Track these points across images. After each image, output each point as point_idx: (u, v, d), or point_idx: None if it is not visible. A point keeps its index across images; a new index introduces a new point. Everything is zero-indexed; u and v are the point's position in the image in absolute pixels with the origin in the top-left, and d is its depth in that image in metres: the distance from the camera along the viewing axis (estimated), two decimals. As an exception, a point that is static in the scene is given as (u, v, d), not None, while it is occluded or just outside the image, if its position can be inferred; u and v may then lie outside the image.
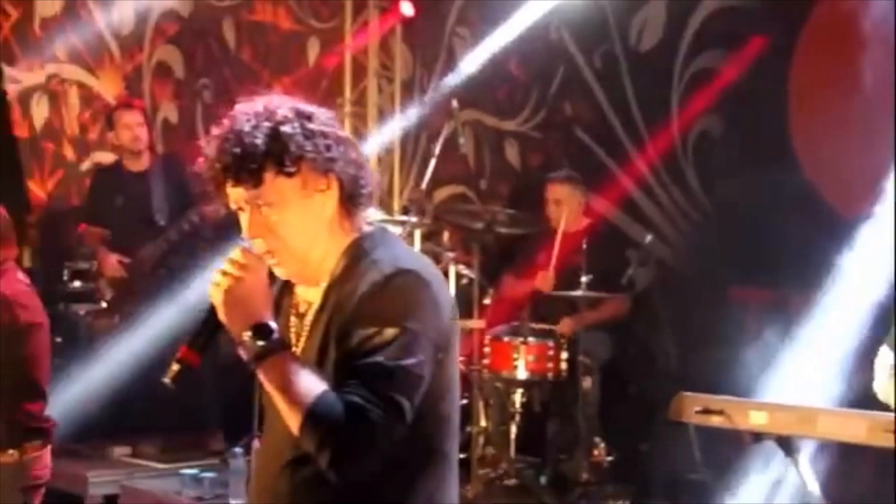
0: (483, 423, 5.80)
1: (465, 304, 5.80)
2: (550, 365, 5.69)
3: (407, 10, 7.54)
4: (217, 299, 2.14)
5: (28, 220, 8.13)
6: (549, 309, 5.94)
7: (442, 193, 7.00)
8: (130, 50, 8.43)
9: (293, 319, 2.28)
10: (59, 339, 6.89)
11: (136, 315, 6.28)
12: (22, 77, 8.53)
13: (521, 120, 7.09)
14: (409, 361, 2.07)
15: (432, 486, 2.21)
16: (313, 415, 2.03)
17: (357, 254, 2.21)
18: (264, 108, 2.16)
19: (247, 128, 2.12)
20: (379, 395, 2.03)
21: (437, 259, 5.91)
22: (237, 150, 2.11)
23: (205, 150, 2.18)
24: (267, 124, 2.13)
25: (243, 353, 2.12)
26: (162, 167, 6.47)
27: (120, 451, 6.26)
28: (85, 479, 5.85)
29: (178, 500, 5.40)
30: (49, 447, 4.03)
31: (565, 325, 5.80)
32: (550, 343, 5.70)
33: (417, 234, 6.10)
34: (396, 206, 7.49)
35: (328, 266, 2.22)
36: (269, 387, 2.11)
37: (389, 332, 2.07)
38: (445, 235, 6.25)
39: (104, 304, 6.56)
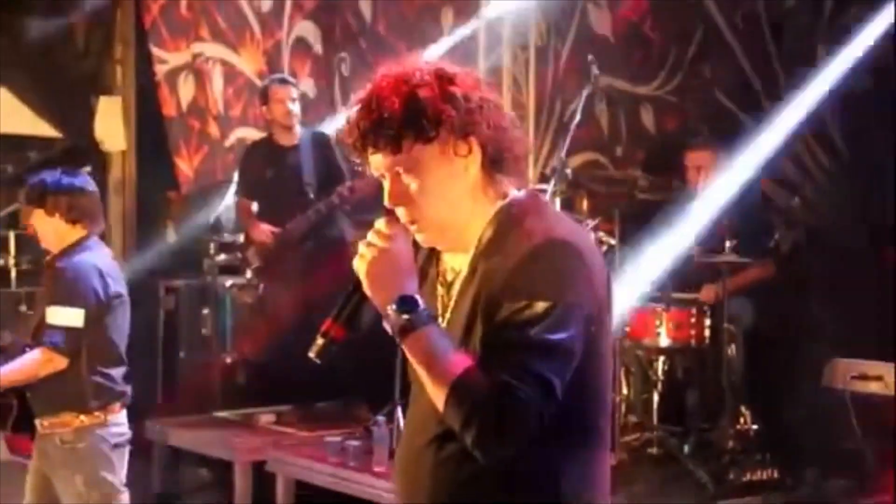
0: (625, 391, 5.75)
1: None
2: (693, 332, 5.60)
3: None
4: (361, 271, 2.10)
5: (175, 195, 8.40)
6: (691, 275, 5.84)
7: (576, 160, 6.93)
8: (270, 27, 8.57)
9: (440, 288, 2.22)
10: (206, 311, 7.12)
11: (281, 285, 6.41)
12: (169, 57, 8.76)
13: (657, 84, 6.96)
14: (561, 336, 1.98)
15: (584, 463, 2.13)
16: (458, 391, 1.96)
17: (506, 222, 2.12)
18: (403, 71, 2.09)
19: (385, 92, 2.07)
20: (528, 371, 1.94)
21: (577, 227, 5.87)
22: (374, 115, 2.06)
23: (347, 117, 2.13)
24: (405, 88, 2.06)
25: (387, 326, 2.07)
26: (311, 141, 6.57)
27: (266, 419, 6.42)
28: (233, 446, 6.03)
29: (322, 467, 5.50)
30: (125, 409, 4.29)
31: (708, 293, 5.71)
32: (693, 310, 5.61)
33: (557, 201, 6.05)
34: (532, 174, 7.44)
35: (474, 233, 2.14)
36: (413, 361, 2.05)
37: (540, 305, 1.97)
38: (584, 203, 6.19)
39: (248, 276, 6.73)
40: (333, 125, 7.04)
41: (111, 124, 8.40)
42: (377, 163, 2.13)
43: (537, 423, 1.96)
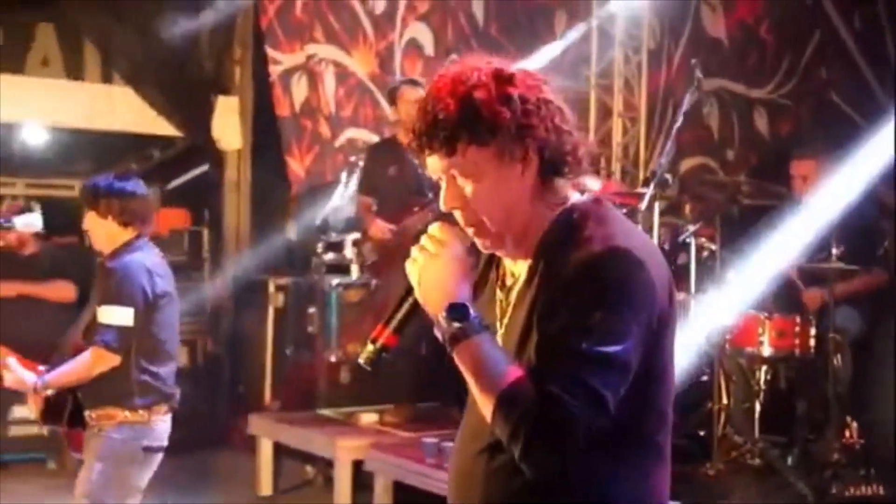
0: (724, 400, 5.63)
1: (707, 277, 5.64)
2: (797, 341, 5.44)
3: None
4: (414, 277, 2.07)
5: (289, 195, 8.54)
6: (794, 284, 5.71)
7: (685, 165, 6.83)
8: (383, 28, 8.65)
9: (499, 293, 2.17)
10: (312, 309, 7.23)
11: (394, 281, 6.47)
12: (284, 58, 8.90)
13: (771, 87, 6.82)
14: (616, 349, 1.91)
15: (638, 478, 2.07)
16: (505, 403, 1.91)
17: (565, 228, 2.06)
18: (460, 72, 2.04)
19: (440, 94, 2.02)
20: (580, 384, 1.89)
21: (677, 232, 5.78)
22: (430, 116, 2.02)
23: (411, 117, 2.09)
24: (461, 90, 2.01)
25: (438, 334, 2.02)
26: None
27: (368, 418, 6.49)
28: (335, 444, 6.11)
29: (418, 468, 5.53)
30: (171, 414, 4.33)
31: (813, 297, 5.56)
32: (797, 318, 5.47)
33: (656, 206, 5.98)
34: (642, 177, 7.37)
35: (533, 239, 2.09)
36: (462, 370, 2.00)
37: (596, 315, 1.92)
38: (687, 207, 6.09)
39: (355, 275, 6.81)
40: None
41: (228, 123, 8.58)
42: (433, 165, 2.09)
43: (585, 437, 1.90)
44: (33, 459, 7.37)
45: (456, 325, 1.99)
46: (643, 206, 5.26)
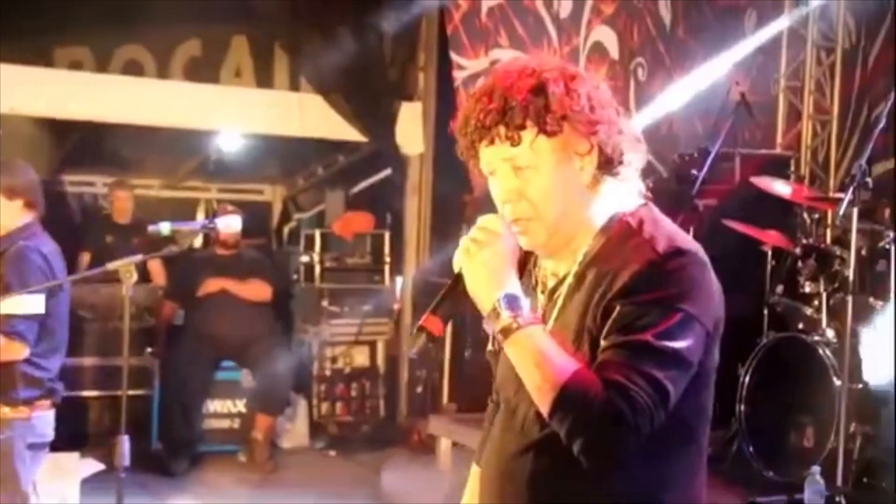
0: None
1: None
2: None
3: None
4: (465, 266, 2.02)
5: (469, 198, 8.57)
6: None
7: (878, 168, 6.52)
8: (567, 32, 8.60)
9: (541, 297, 2.13)
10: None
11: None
12: (468, 64, 8.96)
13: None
14: (681, 344, 1.90)
15: (689, 479, 2.05)
16: (568, 394, 1.87)
17: (620, 230, 2.04)
18: (527, 65, 2.04)
19: (509, 82, 2.00)
20: (645, 375, 1.86)
21: (876, 237, 5.51)
22: (498, 104, 1.99)
23: (463, 109, 2.07)
24: (531, 80, 2.00)
25: (488, 326, 1.99)
26: None
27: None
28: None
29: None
30: (54, 409, 4.11)
31: None
32: None
33: (854, 211, 5.71)
34: (832, 182, 7.09)
35: (582, 239, 2.07)
36: (517, 362, 1.96)
37: (664, 311, 1.90)
38: (886, 212, 5.81)
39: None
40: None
41: (411, 129, 8.69)
42: (490, 156, 2.05)
43: (648, 430, 1.87)
44: (226, 451, 7.62)
45: (510, 314, 1.95)
46: (841, 211, 5.02)
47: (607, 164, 2.05)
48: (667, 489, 2.01)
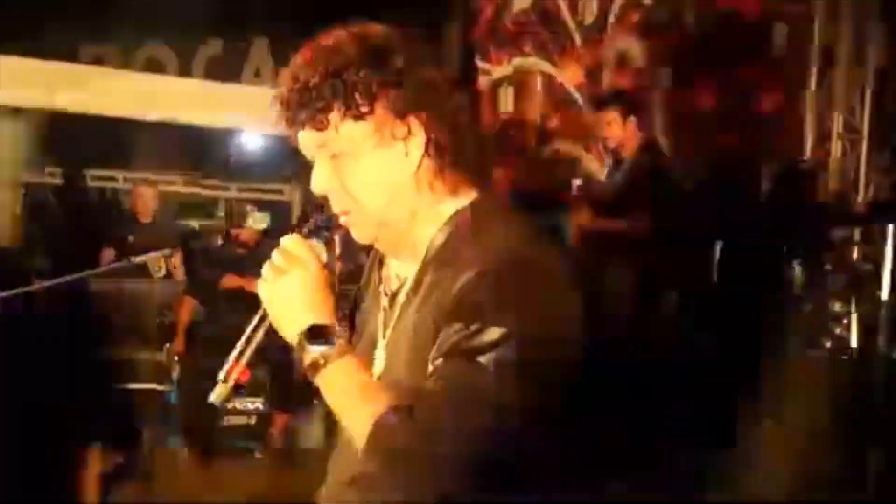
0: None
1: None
2: None
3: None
4: (264, 298, 1.82)
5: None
6: None
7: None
8: (592, 39, 8.57)
9: (384, 299, 1.94)
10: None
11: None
12: (492, 69, 8.95)
13: None
14: (515, 367, 1.68)
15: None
16: (376, 434, 1.69)
17: (461, 228, 1.83)
18: (338, 38, 1.80)
19: (310, 60, 1.78)
20: (472, 406, 1.67)
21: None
22: (298, 86, 1.77)
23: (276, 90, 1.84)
24: (333, 57, 1.77)
25: (298, 359, 1.79)
26: (647, 155, 6.52)
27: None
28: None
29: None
30: None
31: None
32: None
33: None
34: (861, 197, 7.04)
35: (420, 236, 1.86)
36: (327, 398, 1.77)
37: (494, 331, 1.68)
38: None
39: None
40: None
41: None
42: (305, 142, 1.84)
43: (482, 466, 1.68)
44: (243, 448, 7.62)
45: (316, 350, 1.76)
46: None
47: (440, 149, 1.82)
48: None
